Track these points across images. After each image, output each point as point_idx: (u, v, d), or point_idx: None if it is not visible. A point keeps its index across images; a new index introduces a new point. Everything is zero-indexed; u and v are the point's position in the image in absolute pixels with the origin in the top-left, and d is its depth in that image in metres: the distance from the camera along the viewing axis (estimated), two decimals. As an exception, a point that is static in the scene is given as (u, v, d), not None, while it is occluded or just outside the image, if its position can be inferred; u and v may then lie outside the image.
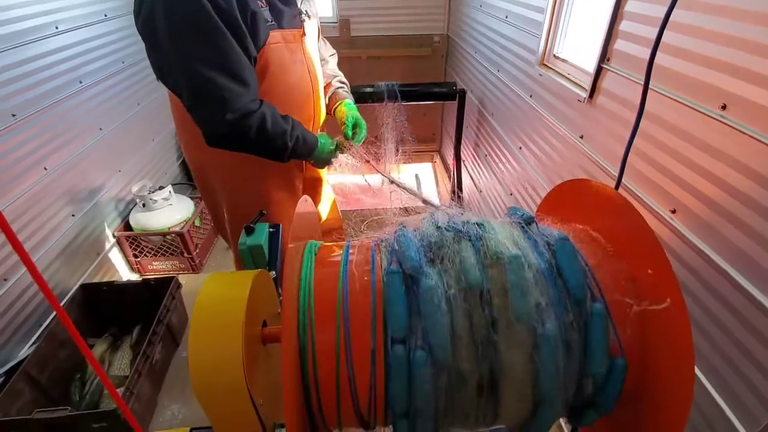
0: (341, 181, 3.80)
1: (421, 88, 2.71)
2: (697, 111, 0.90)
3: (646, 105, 0.85)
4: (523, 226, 0.76)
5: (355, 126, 1.45)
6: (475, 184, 2.89)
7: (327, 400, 0.71)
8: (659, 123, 1.01)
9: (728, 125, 0.83)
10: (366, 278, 0.71)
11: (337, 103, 1.51)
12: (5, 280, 1.68)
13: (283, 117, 1.18)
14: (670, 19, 0.78)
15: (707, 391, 0.92)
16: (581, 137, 1.37)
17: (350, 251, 0.80)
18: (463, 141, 2.93)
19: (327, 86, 1.54)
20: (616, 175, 0.93)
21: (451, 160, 3.27)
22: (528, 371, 0.68)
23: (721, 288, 0.87)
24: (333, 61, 1.60)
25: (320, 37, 1.47)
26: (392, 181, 1.55)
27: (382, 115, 2.68)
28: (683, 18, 0.91)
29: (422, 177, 3.88)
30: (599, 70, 1.24)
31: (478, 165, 2.75)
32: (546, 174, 1.66)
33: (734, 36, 0.81)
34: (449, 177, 3.50)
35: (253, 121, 1.10)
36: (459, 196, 3.10)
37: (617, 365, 0.67)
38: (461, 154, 3.02)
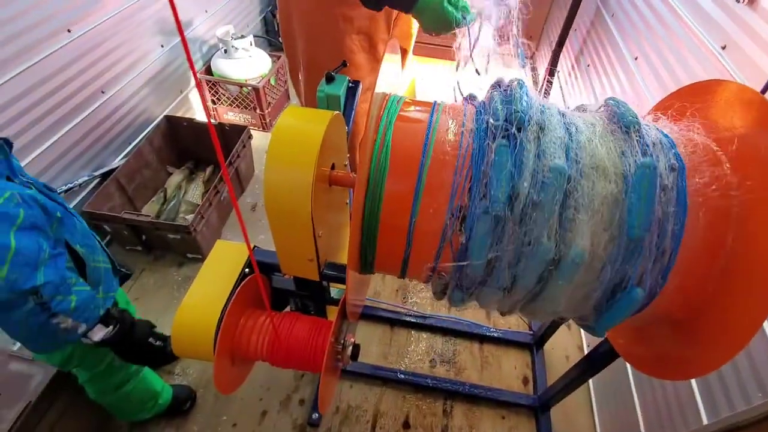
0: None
1: (537, -28, 2.33)
2: None
3: None
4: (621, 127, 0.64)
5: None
6: (564, 101, 2.62)
7: (384, 246, 0.73)
8: None
9: None
10: (453, 135, 0.67)
11: None
12: (102, 92, 1.82)
13: None
14: None
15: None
16: (723, 48, 1.14)
17: (436, 113, 0.75)
18: (565, 45, 2.59)
19: None
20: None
21: (543, 70, 2.94)
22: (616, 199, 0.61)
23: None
24: None
25: None
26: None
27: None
28: None
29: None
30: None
31: (575, 77, 2.45)
32: (661, 93, 1.45)
33: None
34: (537, 90, 3.18)
35: None
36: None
37: (632, 294, 0.61)
38: (558, 62, 2.68)
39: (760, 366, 0.86)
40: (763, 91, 0.78)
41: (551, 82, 2.77)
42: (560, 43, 2.58)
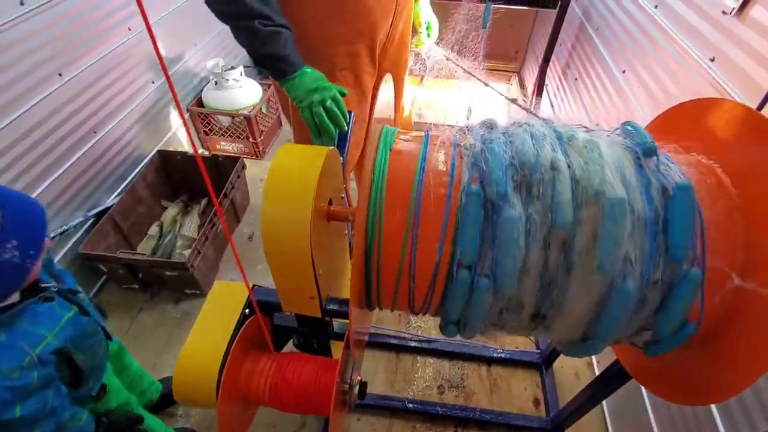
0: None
1: (518, -10, 2.38)
2: None
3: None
4: (638, 156, 0.63)
5: (428, 29, 1.41)
6: (554, 113, 2.64)
7: (386, 284, 0.72)
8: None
9: None
10: (442, 191, 0.65)
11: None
12: (95, 132, 1.82)
13: (277, 14, 0.99)
14: None
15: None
16: (712, 60, 1.15)
17: (428, 150, 0.73)
18: (551, 60, 2.62)
19: None
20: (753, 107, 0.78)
21: (532, 83, 2.97)
22: (589, 313, 0.63)
23: None
24: None
25: None
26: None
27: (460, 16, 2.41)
28: None
29: (474, 110, 3.37)
30: (765, -27, 0.99)
31: (563, 90, 2.48)
32: (651, 106, 1.46)
33: None
34: (526, 102, 3.21)
35: None
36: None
37: (686, 330, 0.61)
38: (546, 76, 2.72)
39: (779, 382, 0.83)
40: (761, 105, 0.78)
41: (540, 96, 2.80)
42: (546, 59, 2.61)
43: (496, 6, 2.37)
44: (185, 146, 2.50)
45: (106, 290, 1.90)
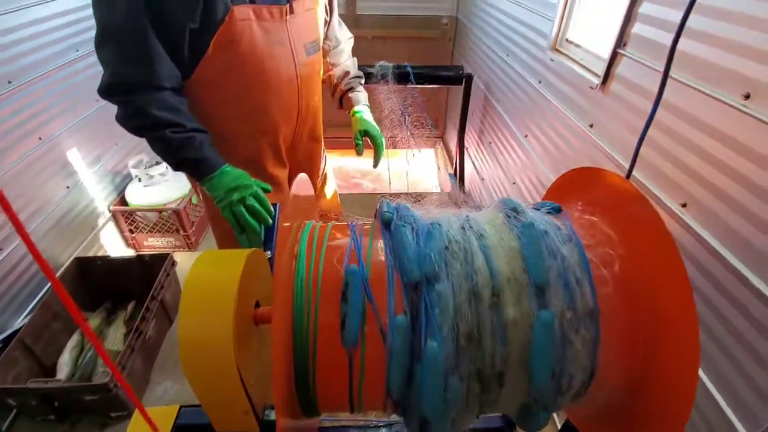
0: (342, 165, 3.76)
1: (428, 71, 2.64)
2: (718, 100, 0.86)
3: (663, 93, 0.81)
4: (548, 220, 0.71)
5: (365, 134, 1.35)
6: (477, 172, 2.85)
7: (322, 384, 0.68)
8: (675, 113, 0.97)
9: (750, 115, 0.79)
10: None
11: (351, 111, 1.39)
12: (0, 249, 1.66)
13: (186, 116, 1.00)
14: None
15: (710, 393, 0.90)
16: (591, 126, 1.33)
17: (354, 237, 0.75)
18: (467, 127, 2.88)
19: (330, 79, 1.42)
20: (626, 166, 0.90)
21: (454, 147, 3.22)
22: (523, 354, 0.63)
23: (730, 285, 0.84)
24: (348, 48, 1.42)
25: (331, 16, 1.32)
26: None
27: (387, 97, 2.64)
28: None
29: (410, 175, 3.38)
30: (614, 56, 1.19)
31: (482, 152, 2.70)
32: (551, 164, 1.62)
33: (763, 18, 0.76)
34: (452, 164, 3.45)
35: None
36: (461, 184, 3.05)
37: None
38: (465, 140, 2.97)
39: None
40: (631, 167, 0.90)
41: (462, 158, 3.02)
42: (462, 126, 2.87)
43: (411, 86, 2.62)
44: (107, 249, 2.35)
45: (18, 427, 1.63)
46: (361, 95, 1.42)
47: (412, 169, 3.23)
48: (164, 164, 2.39)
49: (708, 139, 0.89)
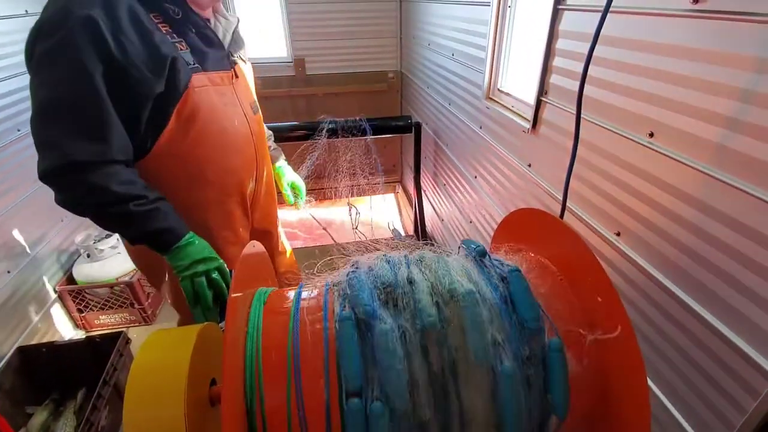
0: (304, 216, 3.76)
1: (380, 122, 2.78)
2: (628, 138, 0.95)
3: (581, 134, 0.90)
4: (476, 259, 0.76)
5: (293, 188, 1.54)
6: (436, 213, 2.93)
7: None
8: (595, 150, 1.07)
9: (656, 151, 0.88)
10: (318, 326, 0.68)
11: (273, 168, 1.49)
12: None
13: (144, 187, 0.97)
14: (595, 54, 0.83)
15: (664, 405, 0.93)
16: (529, 165, 1.42)
17: (302, 296, 0.77)
18: (422, 171, 2.99)
19: None
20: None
21: (412, 190, 3.31)
22: (490, 411, 0.66)
23: (665, 303, 0.90)
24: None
25: None
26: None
27: (343, 149, 2.75)
28: (607, 53, 0.98)
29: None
30: (539, 103, 1.31)
31: (438, 194, 2.80)
32: (500, 201, 1.70)
33: (654, 68, 0.87)
34: (411, 207, 3.53)
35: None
36: (422, 226, 3.11)
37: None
38: (421, 183, 3.06)
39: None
40: (564, 202, 0.97)
41: (421, 200, 3.11)
42: (417, 170, 2.97)
43: (367, 138, 2.73)
44: (55, 332, 2.18)
45: None
46: (277, 152, 1.53)
47: (374, 215, 3.30)
48: (114, 237, 2.30)
49: (626, 173, 0.97)
